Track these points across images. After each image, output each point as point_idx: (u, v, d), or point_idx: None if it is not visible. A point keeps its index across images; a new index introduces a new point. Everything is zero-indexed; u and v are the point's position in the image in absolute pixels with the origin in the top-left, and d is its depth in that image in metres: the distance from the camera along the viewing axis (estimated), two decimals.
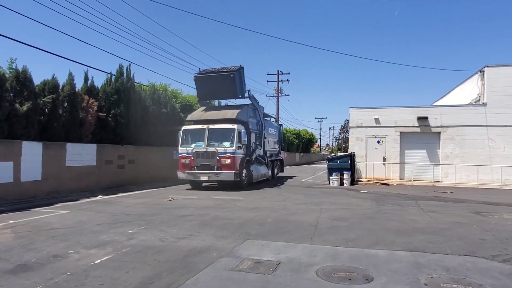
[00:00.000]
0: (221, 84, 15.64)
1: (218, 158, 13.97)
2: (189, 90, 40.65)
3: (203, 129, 14.49)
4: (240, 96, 16.24)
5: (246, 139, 14.70)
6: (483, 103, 17.06)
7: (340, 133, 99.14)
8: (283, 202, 10.65)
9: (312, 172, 28.42)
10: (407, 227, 7.03)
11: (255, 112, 17.29)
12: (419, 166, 17.45)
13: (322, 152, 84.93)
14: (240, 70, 15.95)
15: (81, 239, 6.01)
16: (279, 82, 43.25)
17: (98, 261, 4.83)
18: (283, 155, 42.82)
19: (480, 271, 4.43)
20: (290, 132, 46.74)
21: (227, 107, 15.52)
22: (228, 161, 13.91)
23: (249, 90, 17.03)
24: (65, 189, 12.38)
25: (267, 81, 43.43)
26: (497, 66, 16.97)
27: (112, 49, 49.74)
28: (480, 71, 17.41)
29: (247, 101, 17.14)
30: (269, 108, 59.69)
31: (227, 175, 13.85)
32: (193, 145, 14.57)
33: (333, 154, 43.82)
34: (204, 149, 14.21)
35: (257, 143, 17.51)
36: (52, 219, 7.91)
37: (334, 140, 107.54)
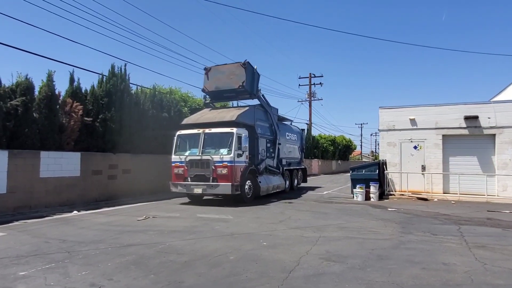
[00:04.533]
0: (232, 76, 13.72)
1: (213, 167, 11.89)
2: (202, 94, 39.24)
3: (198, 134, 12.51)
4: (253, 94, 14.19)
5: (247, 145, 12.51)
6: None
7: None
8: (276, 225, 8.28)
9: (344, 182, 25.38)
10: (435, 281, 4.42)
11: (266, 115, 15.05)
12: (467, 176, 14.07)
13: (364, 160, 79.88)
14: (250, 65, 14.02)
15: None
16: (312, 86, 40.82)
17: None
18: (315, 163, 40.25)
19: None
20: (324, 138, 43.69)
21: (229, 108, 13.45)
22: (225, 171, 11.77)
23: (259, 90, 14.92)
24: (38, 203, 10.94)
25: (299, 85, 41.20)
26: None
27: (113, 51, 49.92)
28: None
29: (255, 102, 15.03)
30: (301, 113, 57.06)
31: (224, 187, 11.69)
32: (187, 153, 12.66)
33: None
34: (199, 157, 12.21)
35: (271, 149, 15.27)
36: None
37: (377, 146, 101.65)
